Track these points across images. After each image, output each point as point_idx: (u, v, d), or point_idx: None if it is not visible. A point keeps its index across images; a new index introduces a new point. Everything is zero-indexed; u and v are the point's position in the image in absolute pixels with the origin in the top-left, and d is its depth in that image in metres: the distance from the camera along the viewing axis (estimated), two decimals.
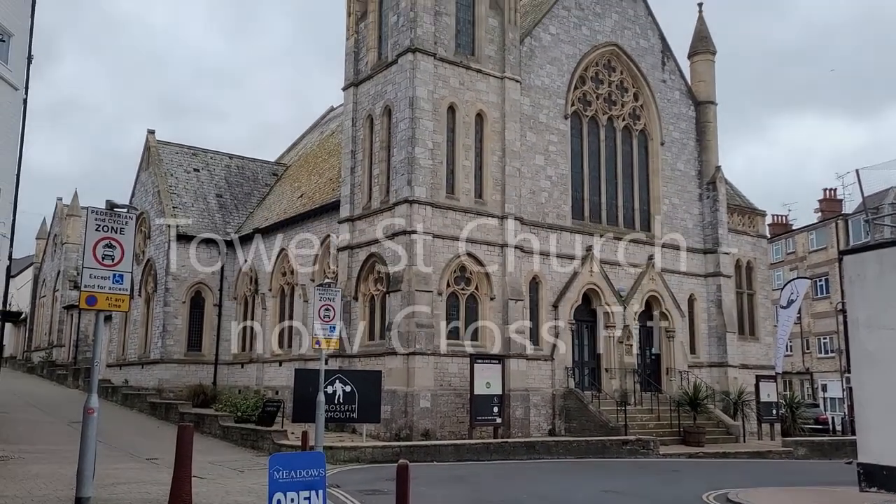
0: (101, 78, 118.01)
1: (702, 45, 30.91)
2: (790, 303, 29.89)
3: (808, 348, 51.96)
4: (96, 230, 9.08)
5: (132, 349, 34.76)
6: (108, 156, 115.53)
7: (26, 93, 17.05)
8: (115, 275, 9.15)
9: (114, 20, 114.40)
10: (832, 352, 48.76)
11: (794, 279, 32.54)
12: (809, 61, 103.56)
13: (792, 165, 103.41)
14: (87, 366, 36.24)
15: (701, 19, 31.26)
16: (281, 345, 29.50)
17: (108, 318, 33.48)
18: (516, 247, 23.80)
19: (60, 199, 49.66)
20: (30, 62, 17.18)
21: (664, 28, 29.72)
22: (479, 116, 23.96)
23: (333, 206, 26.25)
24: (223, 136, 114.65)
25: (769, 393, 26.66)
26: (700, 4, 31.45)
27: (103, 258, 9.05)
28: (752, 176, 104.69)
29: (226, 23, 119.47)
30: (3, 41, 15.79)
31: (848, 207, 49.61)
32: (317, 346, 17.99)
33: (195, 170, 35.45)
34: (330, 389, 18.11)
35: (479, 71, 24.02)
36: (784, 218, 55.99)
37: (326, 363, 18.32)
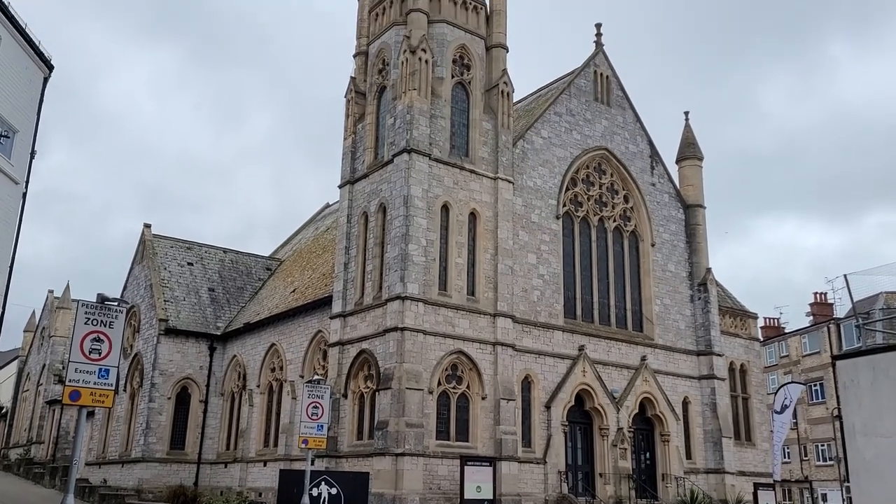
0: (87, 169, 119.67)
1: (689, 150, 31.83)
2: (784, 408, 29.42)
3: (805, 455, 50.90)
4: (85, 323, 9.02)
5: (113, 447, 33.77)
6: (92, 247, 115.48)
7: (26, 186, 17.32)
8: (101, 369, 9.01)
9: (99, 113, 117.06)
10: (831, 459, 47.74)
11: (787, 384, 32.19)
12: (785, 166, 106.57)
13: (775, 267, 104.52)
14: (65, 464, 35.09)
15: (688, 127, 32.32)
16: (267, 443, 28.74)
17: (90, 415, 32.71)
18: (508, 345, 23.65)
19: (52, 291, 49.47)
20: (32, 157, 17.53)
21: (652, 134, 30.68)
22: (473, 215, 24.33)
23: (326, 302, 26.20)
24: (208, 227, 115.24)
25: (768, 502, 25.85)
26: (686, 113, 32.62)
27: (90, 352, 8.94)
28: (736, 277, 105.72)
29: (211, 117, 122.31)
30: (8, 137, 16.17)
31: (839, 312, 49.81)
32: (303, 446, 17.55)
33: (189, 263, 35.56)
34: (315, 492, 17.53)
35: (472, 171, 24.58)
36: (776, 321, 56.05)
37: (313, 463, 17.82)
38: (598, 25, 30.16)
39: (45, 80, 18.45)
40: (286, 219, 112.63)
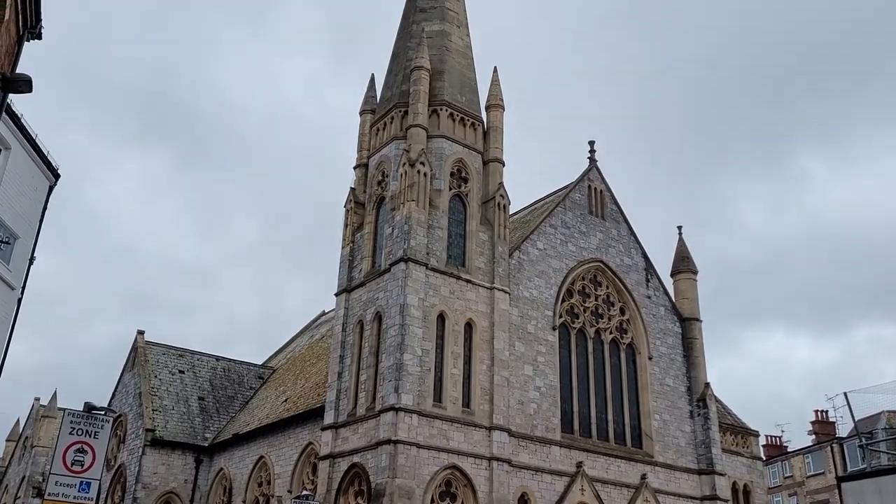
0: (68, 272, 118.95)
1: (683, 264, 32.11)
2: None
3: None
4: (70, 433, 8.79)
5: None
6: (72, 352, 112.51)
7: (22, 292, 17.30)
8: (82, 482, 8.70)
9: (82, 216, 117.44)
10: None
11: None
12: (769, 278, 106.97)
13: (766, 380, 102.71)
14: None
15: (681, 240, 32.75)
16: None
17: None
18: (504, 460, 22.96)
19: (38, 398, 48.33)
20: (31, 263, 17.60)
21: (646, 247, 30.99)
22: (469, 325, 24.23)
23: (318, 412, 25.64)
24: (190, 332, 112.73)
25: None
26: (679, 227, 33.12)
27: (72, 464, 8.65)
28: (728, 390, 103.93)
29: (196, 222, 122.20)
30: (9, 243, 16.30)
31: (841, 430, 48.71)
32: None
33: (180, 371, 35.05)
34: None
35: (469, 281, 24.69)
36: (778, 439, 54.69)
37: None
38: (592, 143, 31.16)
39: (51, 188, 18.81)
40: (270, 324, 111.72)
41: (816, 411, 51.32)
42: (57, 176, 18.56)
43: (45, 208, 18.41)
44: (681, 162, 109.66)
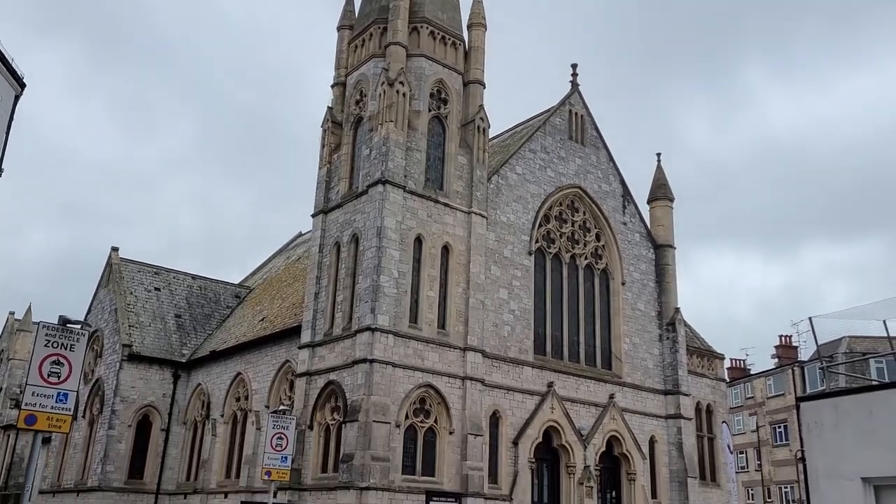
0: None
1: (660, 192, 32.30)
2: (728, 446, 29.91)
3: (769, 497, 51.04)
4: (45, 346, 8.81)
5: (69, 475, 32.77)
6: (9, 262, 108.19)
7: None
8: (59, 393, 8.78)
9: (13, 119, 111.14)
10: (794, 502, 47.94)
11: (723, 422, 32.44)
12: (714, 198, 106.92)
13: (718, 303, 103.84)
14: (17, 492, 33.99)
15: (659, 168, 32.83)
16: (228, 475, 28.14)
17: (46, 441, 31.76)
18: (478, 380, 23.53)
19: (13, 313, 48.36)
20: None
21: (625, 173, 31.05)
22: (446, 249, 24.35)
23: (294, 332, 25.92)
24: (131, 242, 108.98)
25: None
26: (658, 154, 33.17)
27: (49, 375, 8.71)
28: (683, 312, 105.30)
29: (129, 126, 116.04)
30: None
31: (804, 355, 50.44)
32: (266, 478, 17.24)
33: (156, 289, 35.04)
34: None
35: (446, 205, 24.66)
36: (742, 362, 56.56)
37: (275, 496, 17.45)
38: (574, 66, 30.69)
39: (17, 97, 18.24)
40: (213, 235, 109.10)
41: (781, 336, 52.93)
42: (23, 85, 17.98)
43: (11, 119, 17.90)
44: (625, 79, 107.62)
